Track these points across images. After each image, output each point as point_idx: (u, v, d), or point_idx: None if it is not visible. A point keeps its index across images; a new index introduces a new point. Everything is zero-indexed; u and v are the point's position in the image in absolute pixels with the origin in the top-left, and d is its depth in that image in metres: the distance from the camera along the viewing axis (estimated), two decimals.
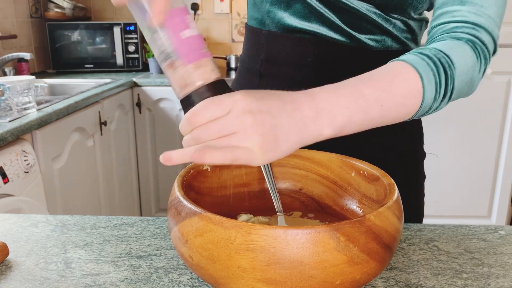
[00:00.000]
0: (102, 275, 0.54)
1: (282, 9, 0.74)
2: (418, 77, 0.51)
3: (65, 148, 1.71)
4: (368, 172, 0.57)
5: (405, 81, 0.51)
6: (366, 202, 0.57)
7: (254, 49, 0.81)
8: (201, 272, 0.44)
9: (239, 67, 0.87)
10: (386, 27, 0.71)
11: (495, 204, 2.44)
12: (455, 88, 0.54)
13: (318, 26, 0.72)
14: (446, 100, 0.55)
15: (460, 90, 0.55)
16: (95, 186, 1.98)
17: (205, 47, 0.49)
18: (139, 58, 2.63)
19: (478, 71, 0.57)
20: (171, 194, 0.50)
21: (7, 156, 1.34)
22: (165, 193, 2.54)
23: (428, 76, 0.52)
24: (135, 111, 2.43)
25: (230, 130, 0.43)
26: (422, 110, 0.53)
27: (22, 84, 1.57)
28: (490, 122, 2.33)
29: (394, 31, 0.72)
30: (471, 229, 0.66)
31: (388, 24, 0.71)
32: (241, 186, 0.63)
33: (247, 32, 0.83)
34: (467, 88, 0.57)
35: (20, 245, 0.62)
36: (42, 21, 2.69)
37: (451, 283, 0.52)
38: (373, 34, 0.72)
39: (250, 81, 0.82)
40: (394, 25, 0.72)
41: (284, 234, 0.40)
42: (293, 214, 0.62)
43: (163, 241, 0.63)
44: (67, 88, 2.31)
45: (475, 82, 0.57)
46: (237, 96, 0.44)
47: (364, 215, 0.42)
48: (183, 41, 0.47)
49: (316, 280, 0.41)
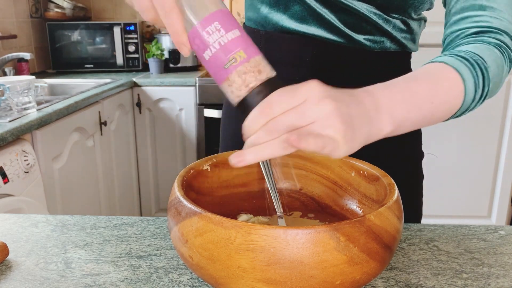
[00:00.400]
0: (102, 275, 0.54)
1: (280, 12, 0.74)
2: (460, 77, 0.53)
3: (65, 148, 1.71)
4: (368, 172, 0.57)
5: (448, 81, 0.52)
6: (366, 202, 0.57)
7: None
8: (201, 272, 0.44)
9: None
10: (386, 28, 0.71)
11: (495, 204, 2.44)
12: (490, 89, 0.56)
13: (316, 29, 0.72)
14: (482, 101, 0.56)
15: (492, 91, 0.57)
16: (95, 186, 1.98)
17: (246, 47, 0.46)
18: (139, 58, 2.63)
19: (506, 73, 0.59)
20: (171, 194, 0.50)
21: (7, 156, 1.34)
22: (165, 193, 2.54)
23: (468, 76, 0.53)
24: (135, 111, 2.43)
25: (310, 118, 0.41)
26: (461, 110, 0.55)
27: (22, 84, 1.57)
28: (490, 122, 2.33)
29: (393, 32, 0.72)
30: (471, 229, 0.66)
31: (387, 25, 0.71)
32: (241, 186, 0.63)
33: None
34: (497, 89, 0.59)
35: (20, 245, 0.62)
36: (42, 21, 2.69)
37: (451, 283, 0.52)
38: (372, 35, 0.72)
39: None
40: (393, 25, 0.72)
41: (284, 234, 0.40)
42: (293, 214, 0.62)
43: (163, 241, 0.63)
44: (67, 88, 2.31)
45: (502, 84, 0.60)
46: (312, 84, 0.42)
47: (364, 215, 0.42)
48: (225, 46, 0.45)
49: (316, 280, 0.41)
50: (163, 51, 2.60)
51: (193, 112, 2.41)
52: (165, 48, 2.64)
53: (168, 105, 2.41)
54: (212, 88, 2.36)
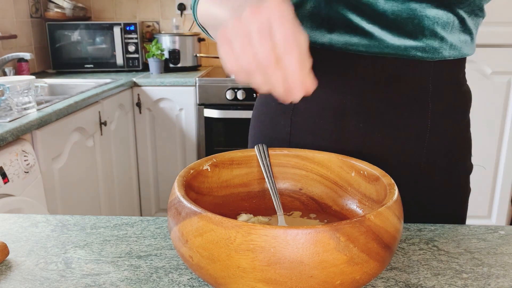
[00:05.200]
0: (102, 275, 0.54)
1: (324, 33, 0.70)
2: None
3: (65, 148, 1.72)
4: (368, 172, 0.57)
5: None
6: (366, 202, 0.57)
7: None
8: (201, 272, 0.44)
9: None
10: (443, 33, 0.67)
11: (495, 204, 2.44)
12: None
13: (362, 44, 0.68)
14: None
15: None
16: (95, 186, 1.98)
17: None
18: (139, 58, 2.63)
19: None
20: (171, 194, 0.50)
21: (7, 156, 1.34)
22: (165, 193, 2.54)
23: None
24: (135, 111, 2.43)
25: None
26: None
27: (22, 84, 1.57)
28: (490, 122, 2.33)
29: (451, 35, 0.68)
30: (471, 229, 0.66)
31: (446, 28, 0.67)
32: (241, 186, 0.63)
33: None
34: None
35: (20, 245, 0.62)
36: (42, 21, 2.69)
37: (451, 283, 0.52)
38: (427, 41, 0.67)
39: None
40: (452, 26, 0.68)
41: (284, 234, 0.40)
42: (293, 214, 0.62)
43: (163, 241, 0.63)
44: (67, 88, 2.31)
45: None
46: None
47: (364, 215, 0.42)
48: None
49: (316, 280, 0.41)
50: (163, 51, 2.60)
51: (193, 112, 2.41)
52: (165, 48, 2.65)
53: (168, 105, 2.41)
54: (212, 88, 2.36)
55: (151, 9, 2.90)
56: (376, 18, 0.66)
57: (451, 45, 0.68)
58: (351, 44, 0.68)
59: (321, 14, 0.69)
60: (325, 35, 0.69)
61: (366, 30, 0.67)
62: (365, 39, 0.67)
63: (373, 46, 0.67)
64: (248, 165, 0.63)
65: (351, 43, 0.68)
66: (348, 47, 0.68)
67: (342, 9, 0.67)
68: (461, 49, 0.70)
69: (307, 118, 0.74)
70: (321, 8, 0.68)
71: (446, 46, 0.68)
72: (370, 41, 0.67)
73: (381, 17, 0.66)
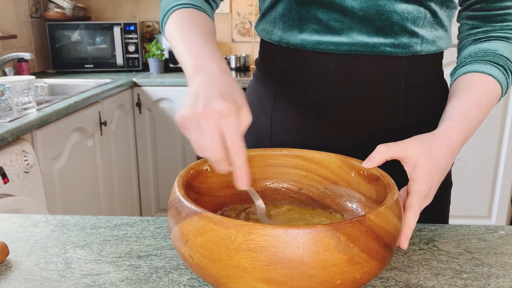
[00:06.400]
0: (102, 275, 0.54)
1: (295, 33, 0.71)
2: (500, 88, 0.66)
3: (65, 148, 1.71)
4: (368, 172, 0.57)
5: (496, 97, 0.66)
6: (366, 202, 0.57)
7: (270, 59, 0.77)
8: (201, 272, 0.44)
9: (255, 71, 0.84)
10: (414, 28, 0.68)
11: (495, 204, 2.44)
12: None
13: (334, 42, 0.69)
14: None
15: None
16: (95, 186, 1.98)
17: None
18: (139, 58, 2.63)
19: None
20: (171, 194, 0.50)
21: (7, 156, 1.34)
22: (165, 193, 2.54)
23: (504, 86, 0.67)
24: (135, 111, 2.43)
25: None
26: None
27: (22, 84, 1.57)
28: (490, 122, 2.33)
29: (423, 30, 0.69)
30: (471, 229, 0.66)
31: (416, 22, 0.68)
32: None
33: (261, 42, 0.79)
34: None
35: (20, 245, 0.62)
36: (42, 21, 2.69)
37: (451, 283, 0.52)
38: (398, 38, 0.68)
39: (268, 90, 0.78)
40: (424, 19, 0.68)
41: (285, 234, 0.40)
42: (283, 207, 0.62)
43: (163, 241, 0.63)
44: (67, 88, 2.31)
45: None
46: None
47: (364, 214, 0.42)
48: None
49: (317, 280, 0.41)
50: (163, 51, 2.60)
51: None
52: (165, 48, 2.64)
53: (168, 105, 2.41)
54: None
55: (151, 9, 2.90)
56: (345, 15, 0.67)
57: (423, 39, 0.69)
58: (321, 43, 0.69)
59: (292, 15, 0.70)
60: (297, 36, 0.71)
61: (335, 27, 0.68)
62: (335, 37, 0.68)
63: (343, 44, 0.69)
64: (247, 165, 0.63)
65: (321, 42, 0.69)
66: (318, 46, 0.70)
67: (312, 8, 0.68)
68: (435, 43, 0.71)
69: (285, 116, 0.76)
70: (292, 9, 0.70)
71: (418, 41, 0.69)
72: (339, 39, 0.68)
73: (350, 14, 0.67)
